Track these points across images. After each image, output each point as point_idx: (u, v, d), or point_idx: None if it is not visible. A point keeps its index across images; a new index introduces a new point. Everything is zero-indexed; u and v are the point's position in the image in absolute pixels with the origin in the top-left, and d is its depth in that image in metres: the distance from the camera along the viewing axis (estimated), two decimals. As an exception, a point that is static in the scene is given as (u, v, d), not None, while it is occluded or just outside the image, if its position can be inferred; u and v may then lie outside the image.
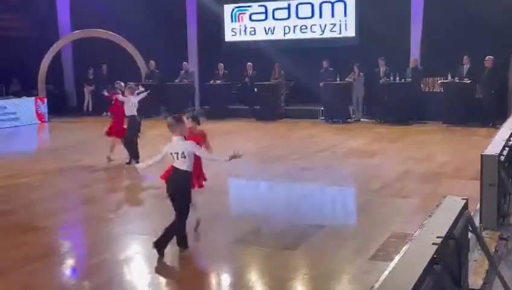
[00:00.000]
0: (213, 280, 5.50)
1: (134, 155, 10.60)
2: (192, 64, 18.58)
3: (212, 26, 18.37)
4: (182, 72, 18.02)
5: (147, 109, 14.35)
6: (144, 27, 17.94)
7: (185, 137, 5.84)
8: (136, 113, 10.66)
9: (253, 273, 5.54)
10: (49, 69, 18.94)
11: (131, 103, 10.61)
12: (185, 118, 6.10)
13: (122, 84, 11.40)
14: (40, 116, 18.07)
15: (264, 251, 5.99)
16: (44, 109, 18.17)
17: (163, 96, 17.75)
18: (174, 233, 5.86)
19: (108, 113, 12.11)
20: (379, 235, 6.18)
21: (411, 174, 9.38)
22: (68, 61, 20.77)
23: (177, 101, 17.69)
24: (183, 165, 5.69)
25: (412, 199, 7.94)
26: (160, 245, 5.74)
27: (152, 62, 18.16)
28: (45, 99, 18.24)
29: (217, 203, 8.05)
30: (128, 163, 10.54)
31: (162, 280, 5.46)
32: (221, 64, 17.66)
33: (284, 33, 18.03)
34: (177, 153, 5.68)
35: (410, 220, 6.45)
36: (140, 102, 11.11)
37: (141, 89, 11.86)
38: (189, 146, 5.73)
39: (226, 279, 5.53)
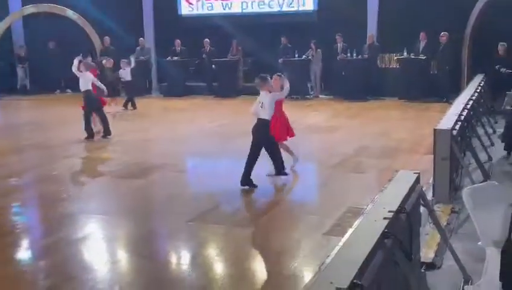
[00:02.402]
0: (170, 258, 5.46)
1: (88, 131, 10.70)
2: (148, 41, 18.24)
3: (168, 0, 18.02)
4: (138, 48, 17.68)
5: (127, 88, 14.48)
6: (97, 2, 17.46)
7: (269, 92, 7.29)
8: (90, 88, 10.78)
9: (210, 251, 5.52)
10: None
11: (86, 78, 10.67)
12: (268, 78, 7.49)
13: (89, 59, 11.92)
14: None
15: (221, 228, 5.98)
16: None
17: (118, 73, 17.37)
18: (279, 164, 7.45)
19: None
20: (335, 211, 6.24)
21: (368, 150, 9.48)
22: (19, 37, 20.09)
23: (134, 78, 17.34)
24: (264, 114, 7.18)
25: (369, 174, 8.04)
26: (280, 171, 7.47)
27: (107, 38, 17.73)
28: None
29: (175, 182, 8.01)
30: (104, 136, 10.84)
31: (119, 259, 5.39)
32: (178, 40, 17.39)
33: (242, 8, 17.83)
34: (261, 103, 7.20)
35: (366, 195, 6.50)
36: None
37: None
38: (269, 97, 7.24)
39: (183, 257, 5.50)
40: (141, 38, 17.85)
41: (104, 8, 17.16)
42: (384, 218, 3.12)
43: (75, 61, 10.77)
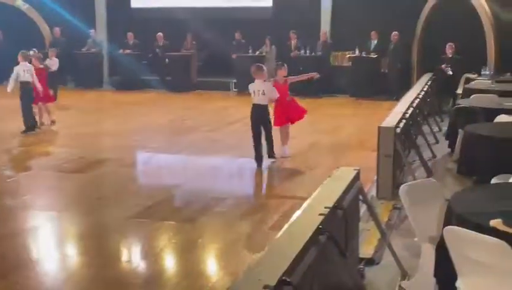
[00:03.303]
0: (115, 254, 5.35)
1: (26, 123, 10.34)
2: (100, 32, 17.87)
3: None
4: (90, 40, 17.29)
5: (51, 78, 13.66)
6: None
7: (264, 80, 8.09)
8: (29, 80, 10.43)
9: (153, 246, 5.44)
10: None
11: (23, 70, 10.38)
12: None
13: (31, 52, 11.39)
14: None
15: (166, 223, 5.91)
16: None
17: (69, 65, 17.00)
18: (270, 144, 8.14)
19: None
20: (281, 205, 6.25)
21: (318, 146, 9.55)
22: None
23: (85, 71, 17.04)
24: (264, 100, 7.97)
25: (317, 170, 8.07)
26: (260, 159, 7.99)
27: (57, 29, 17.26)
28: None
29: (121, 177, 7.86)
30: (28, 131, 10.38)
31: (62, 255, 5.26)
32: (131, 33, 17.10)
33: (197, 2, 17.62)
34: (262, 90, 7.90)
35: (311, 191, 6.53)
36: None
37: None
38: (268, 86, 8.12)
39: (128, 252, 5.42)
40: (92, 30, 17.47)
41: (55, -1, 16.74)
42: (320, 214, 3.13)
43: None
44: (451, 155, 7.85)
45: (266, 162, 8.46)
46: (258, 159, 8.03)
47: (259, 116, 8.00)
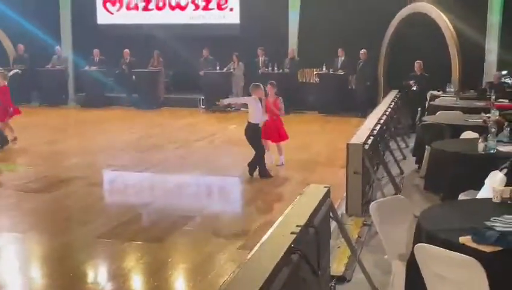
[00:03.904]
0: (79, 275, 5.21)
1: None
2: (65, 49, 17.64)
3: (86, 7, 17.51)
4: (55, 56, 17.03)
5: (16, 95, 13.40)
6: (12, 8, 16.70)
7: (260, 99, 8.53)
8: None
9: (121, 267, 5.32)
10: None
11: None
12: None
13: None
14: None
15: (134, 243, 5.79)
16: None
17: (34, 82, 16.73)
18: (254, 165, 8.22)
19: None
20: (251, 224, 6.20)
21: (287, 163, 9.51)
22: None
23: (50, 88, 16.76)
24: (253, 118, 8.36)
25: (286, 186, 8.07)
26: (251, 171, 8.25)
27: (21, 45, 16.97)
28: None
29: (88, 195, 7.71)
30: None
31: (27, 278, 5.10)
32: (97, 50, 16.93)
33: (164, 19, 17.58)
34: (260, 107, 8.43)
35: (282, 208, 6.50)
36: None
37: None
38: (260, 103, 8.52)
39: (91, 274, 5.28)
40: (57, 47, 17.23)
41: (19, 15, 16.44)
42: (292, 233, 3.09)
43: None
44: (419, 171, 7.93)
45: (233, 179, 8.45)
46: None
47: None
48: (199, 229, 6.24)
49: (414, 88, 12.88)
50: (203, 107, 16.43)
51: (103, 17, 17.95)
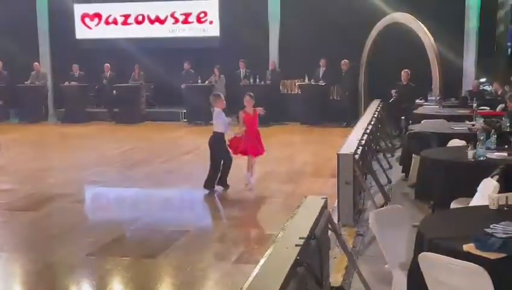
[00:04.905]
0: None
1: None
2: (44, 65, 17.46)
3: (64, 23, 17.37)
4: (33, 73, 16.84)
5: None
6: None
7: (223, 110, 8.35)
8: None
9: (113, 284, 5.24)
10: None
11: None
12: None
13: None
14: None
15: (124, 260, 5.70)
16: None
17: (13, 99, 16.52)
18: (209, 178, 8.12)
19: None
20: (243, 237, 6.16)
21: (273, 175, 9.52)
22: None
23: (29, 104, 16.56)
24: (215, 127, 8.24)
25: (275, 198, 8.04)
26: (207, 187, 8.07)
27: (-1, 62, 16.80)
28: None
29: (73, 213, 7.58)
30: None
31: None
32: (76, 65, 16.78)
33: (144, 33, 17.53)
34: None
35: (274, 221, 6.49)
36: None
37: None
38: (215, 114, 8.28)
39: (83, 292, 5.18)
40: (36, 63, 17.05)
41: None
42: (296, 245, 3.07)
43: None
44: (406, 180, 7.98)
45: (223, 192, 8.39)
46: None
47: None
48: (190, 244, 6.17)
49: (393, 97, 13.01)
50: (185, 120, 16.37)
51: (82, 32, 17.84)
